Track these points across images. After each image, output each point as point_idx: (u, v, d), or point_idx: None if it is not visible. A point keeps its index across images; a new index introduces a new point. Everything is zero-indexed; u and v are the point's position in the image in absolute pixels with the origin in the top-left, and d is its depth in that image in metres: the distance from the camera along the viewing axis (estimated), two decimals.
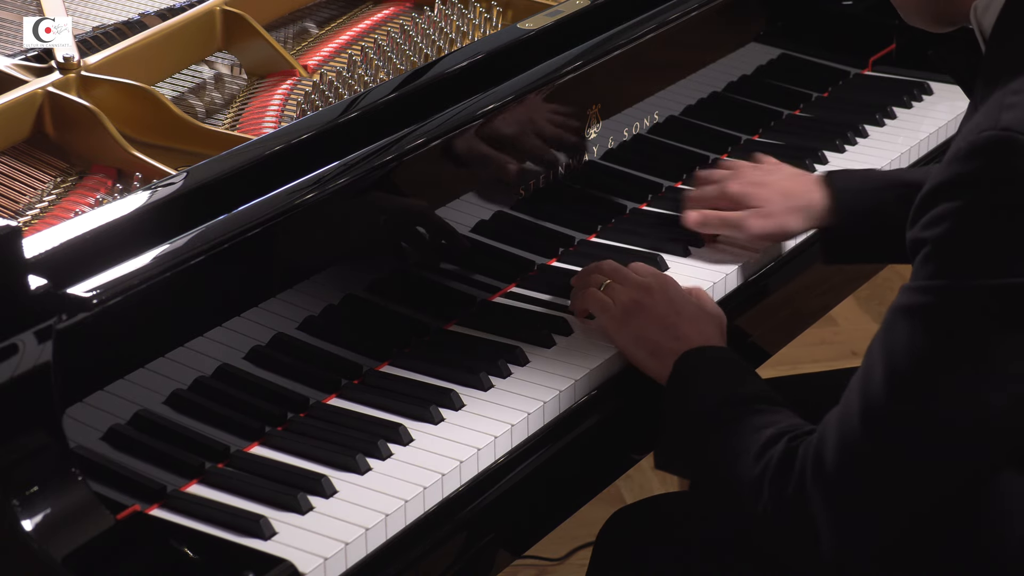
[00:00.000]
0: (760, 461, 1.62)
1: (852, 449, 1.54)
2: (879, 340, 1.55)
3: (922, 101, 2.59)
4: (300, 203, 1.76)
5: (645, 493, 3.26)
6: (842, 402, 1.58)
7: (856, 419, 1.54)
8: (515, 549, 1.85)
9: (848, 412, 1.56)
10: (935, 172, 1.53)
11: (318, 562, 1.54)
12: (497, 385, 1.83)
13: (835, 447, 1.55)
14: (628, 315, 1.86)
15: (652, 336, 1.83)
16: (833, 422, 1.57)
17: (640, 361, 1.84)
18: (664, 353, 1.81)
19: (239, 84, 2.21)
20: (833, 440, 1.56)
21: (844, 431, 1.55)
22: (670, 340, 1.81)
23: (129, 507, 1.59)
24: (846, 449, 1.55)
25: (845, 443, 1.55)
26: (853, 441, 1.54)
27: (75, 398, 1.57)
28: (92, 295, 1.55)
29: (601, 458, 1.90)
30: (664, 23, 2.24)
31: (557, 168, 2.13)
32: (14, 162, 1.95)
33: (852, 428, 1.55)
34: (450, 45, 2.25)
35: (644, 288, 1.88)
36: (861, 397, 1.54)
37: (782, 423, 1.66)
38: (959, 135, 1.56)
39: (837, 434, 1.56)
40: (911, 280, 1.53)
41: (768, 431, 1.64)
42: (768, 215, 2.10)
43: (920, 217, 1.53)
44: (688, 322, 1.83)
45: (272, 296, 1.76)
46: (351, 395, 1.81)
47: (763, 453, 1.62)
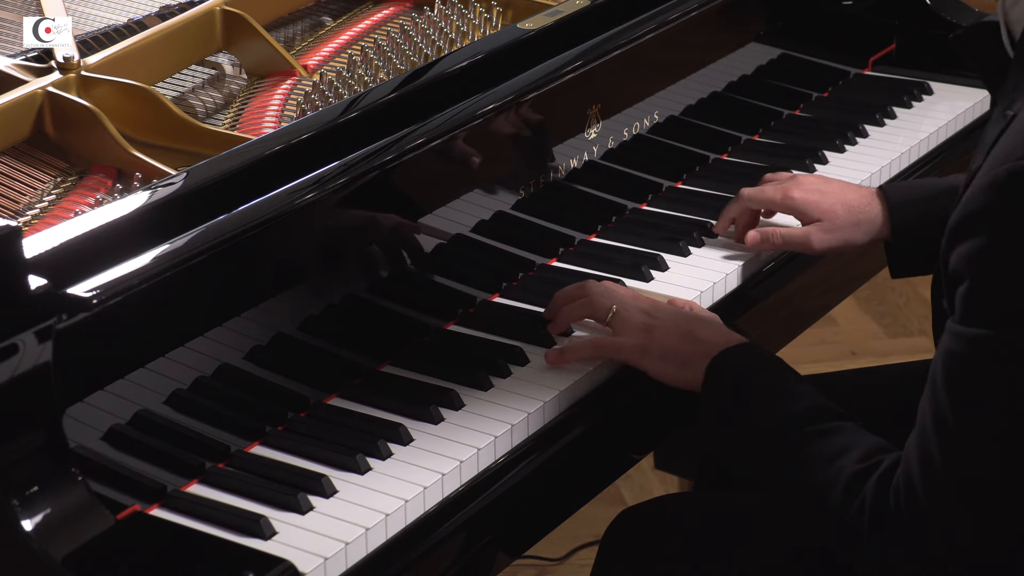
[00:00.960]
0: (851, 504, 1.59)
1: (939, 479, 1.53)
2: (941, 374, 1.52)
3: (922, 101, 2.59)
4: (300, 203, 1.76)
5: (645, 493, 3.26)
6: (918, 428, 1.55)
7: (935, 450, 1.52)
8: (515, 549, 1.85)
9: (925, 442, 1.54)
10: (971, 193, 1.50)
11: (318, 562, 1.54)
12: (497, 385, 1.83)
13: (921, 478, 1.53)
14: (645, 339, 1.83)
15: (674, 347, 1.80)
16: (914, 453, 1.55)
17: (672, 376, 1.81)
18: (692, 360, 1.78)
19: (239, 84, 2.21)
20: (918, 471, 1.54)
21: (927, 460, 1.53)
22: (691, 345, 1.79)
23: (129, 507, 1.59)
24: (933, 480, 1.53)
25: (931, 473, 1.53)
26: (937, 470, 1.52)
27: (75, 398, 1.57)
28: (92, 295, 1.55)
29: (601, 458, 1.90)
30: (664, 23, 2.24)
31: (557, 168, 2.14)
32: (14, 162, 1.95)
33: (934, 458, 1.53)
34: (450, 45, 2.25)
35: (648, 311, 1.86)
36: (935, 426, 1.53)
37: (855, 447, 1.63)
38: (991, 148, 1.52)
39: (920, 465, 1.54)
40: (957, 317, 1.51)
41: (847, 465, 1.61)
42: (833, 229, 2.05)
43: (956, 243, 1.50)
44: (695, 325, 1.82)
45: (272, 296, 1.76)
46: (351, 395, 1.81)
47: (852, 493, 1.59)
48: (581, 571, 3.02)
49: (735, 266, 2.10)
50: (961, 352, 1.50)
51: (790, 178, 2.12)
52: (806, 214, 2.07)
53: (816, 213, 2.05)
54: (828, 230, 2.05)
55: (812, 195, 2.06)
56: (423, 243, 1.94)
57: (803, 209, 2.07)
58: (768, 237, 2.07)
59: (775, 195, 2.08)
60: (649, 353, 1.82)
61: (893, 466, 1.59)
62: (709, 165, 2.40)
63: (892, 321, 3.94)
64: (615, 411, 1.87)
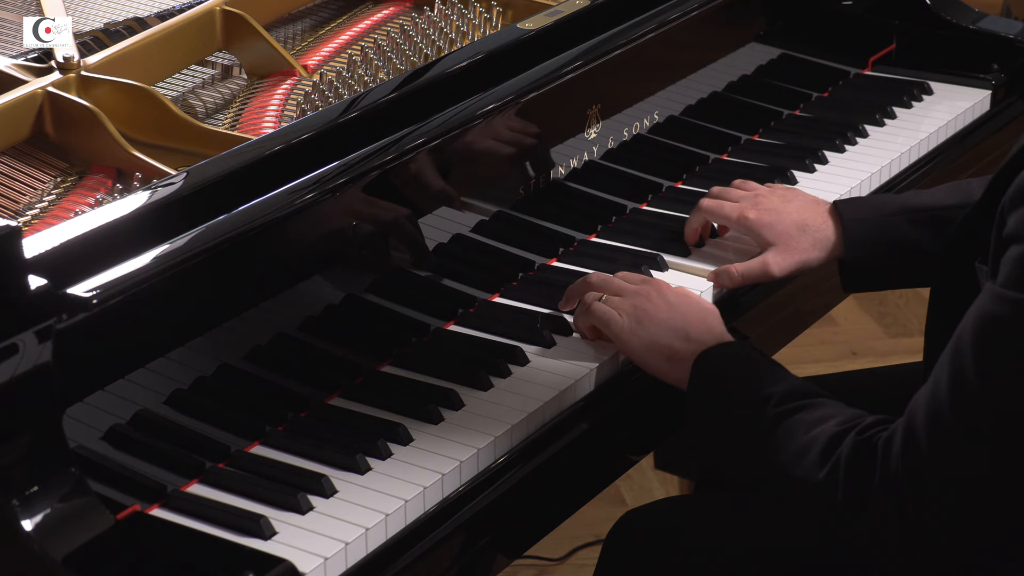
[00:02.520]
0: (827, 462, 1.59)
1: (946, 433, 1.51)
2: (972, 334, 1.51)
3: (922, 101, 2.59)
4: (300, 203, 1.76)
5: (645, 493, 3.26)
6: (931, 383, 1.54)
7: (947, 403, 1.51)
8: (515, 549, 1.85)
9: (938, 396, 1.52)
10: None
11: (318, 562, 1.54)
12: (497, 385, 1.83)
13: (927, 430, 1.52)
14: (635, 324, 1.84)
15: (664, 341, 1.81)
16: (922, 406, 1.54)
17: (656, 368, 1.82)
18: (679, 356, 1.79)
19: (239, 84, 2.21)
20: (924, 425, 1.53)
21: (936, 415, 1.52)
22: (681, 342, 1.80)
23: (129, 507, 1.59)
24: (939, 434, 1.52)
25: (938, 427, 1.52)
26: (947, 425, 1.51)
27: (75, 398, 1.57)
28: (92, 295, 1.55)
29: (601, 458, 1.90)
30: (664, 23, 2.24)
31: (557, 168, 2.14)
32: (14, 162, 1.95)
33: (944, 412, 1.51)
34: (450, 45, 2.25)
35: (642, 295, 1.87)
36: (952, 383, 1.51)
37: (835, 417, 1.64)
38: None
39: (928, 419, 1.53)
40: (1002, 280, 1.50)
41: (826, 429, 1.62)
42: (789, 251, 2.04)
43: (1018, 206, 1.50)
44: (693, 322, 1.83)
45: (272, 296, 1.76)
46: (351, 395, 1.81)
47: (828, 453, 1.60)
48: (581, 571, 3.02)
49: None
50: (1001, 314, 1.49)
51: (752, 196, 2.10)
52: (760, 236, 2.06)
53: (770, 236, 2.05)
54: (785, 253, 2.04)
55: (767, 216, 2.06)
56: (423, 243, 1.94)
57: (757, 231, 2.06)
58: (727, 274, 2.05)
59: (731, 214, 2.08)
60: (637, 340, 1.83)
61: (875, 423, 1.59)
62: (709, 165, 2.40)
63: (892, 321, 3.94)
64: (615, 411, 1.87)
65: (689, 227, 2.13)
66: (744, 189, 2.13)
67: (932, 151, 2.46)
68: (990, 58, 2.63)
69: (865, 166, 2.37)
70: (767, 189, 2.13)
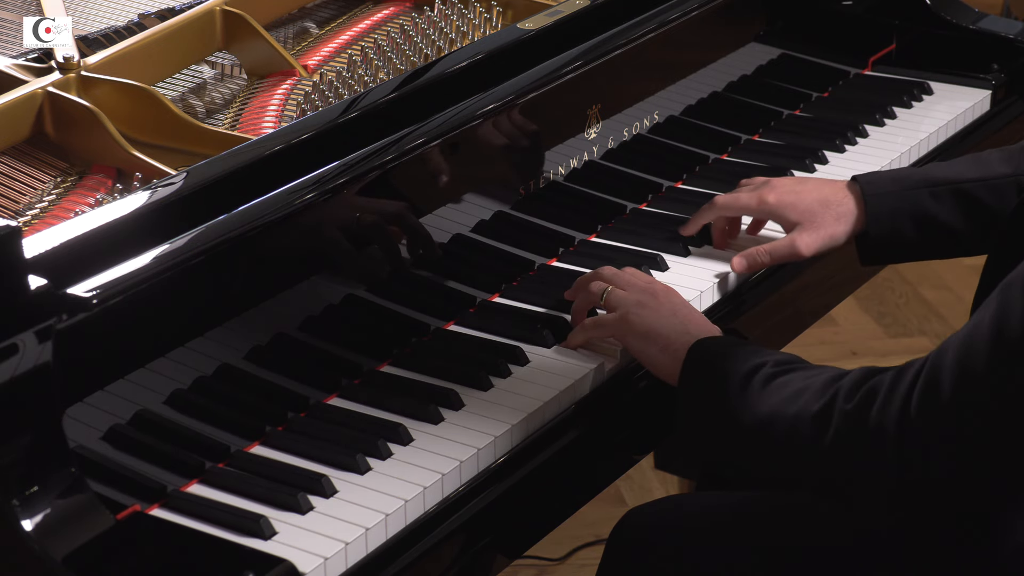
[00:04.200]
0: (826, 394, 1.59)
1: (974, 374, 1.49)
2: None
3: (922, 101, 2.59)
4: (300, 203, 1.76)
5: (645, 493, 3.26)
6: (970, 325, 1.53)
7: (982, 346, 1.49)
8: (515, 549, 1.85)
9: (975, 336, 1.50)
10: None
11: (318, 562, 1.54)
12: (497, 385, 1.83)
13: (954, 369, 1.50)
14: (638, 309, 1.84)
15: (662, 331, 1.81)
16: (954, 345, 1.52)
17: (650, 357, 1.82)
18: (674, 347, 1.79)
19: (239, 84, 2.21)
20: (953, 362, 1.51)
21: (968, 353, 1.50)
22: (679, 334, 1.80)
23: (129, 507, 1.59)
24: (967, 373, 1.50)
25: (968, 365, 1.50)
26: (976, 366, 1.49)
27: (75, 398, 1.57)
28: (92, 295, 1.55)
29: (601, 458, 1.90)
30: (664, 23, 2.24)
31: (557, 168, 2.14)
32: (14, 162, 1.95)
33: (977, 352, 1.49)
34: (450, 45, 2.25)
35: (648, 292, 1.87)
36: (993, 329, 1.49)
37: (834, 371, 1.64)
38: None
39: (958, 356, 1.51)
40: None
41: (825, 372, 1.62)
42: (815, 228, 2.04)
43: None
44: (694, 321, 1.83)
45: (272, 296, 1.76)
46: (351, 395, 1.81)
47: (827, 387, 1.60)
48: (581, 571, 3.02)
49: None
50: None
51: (764, 183, 2.10)
52: (784, 217, 2.06)
53: (794, 215, 2.05)
54: (811, 231, 2.04)
55: (787, 197, 2.06)
56: (423, 243, 1.94)
57: (779, 212, 2.06)
58: (754, 257, 2.05)
59: (750, 201, 2.08)
60: (635, 329, 1.83)
61: (880, 370, 1.58)
62: (709, 165, 2.40)
63: (892, 321, 3.94)
64: (615, 411, 1.87)
65: (697, 220, 2.12)
66: (753, 183, 2.13)
67: (932, 151, 2.47)
68: (990, 58, 2.63)
69: (865, 166, 2.37)
70: (777, 178, 2.13)
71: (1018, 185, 2.01)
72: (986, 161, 2.05)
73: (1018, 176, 2.01)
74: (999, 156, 2.05)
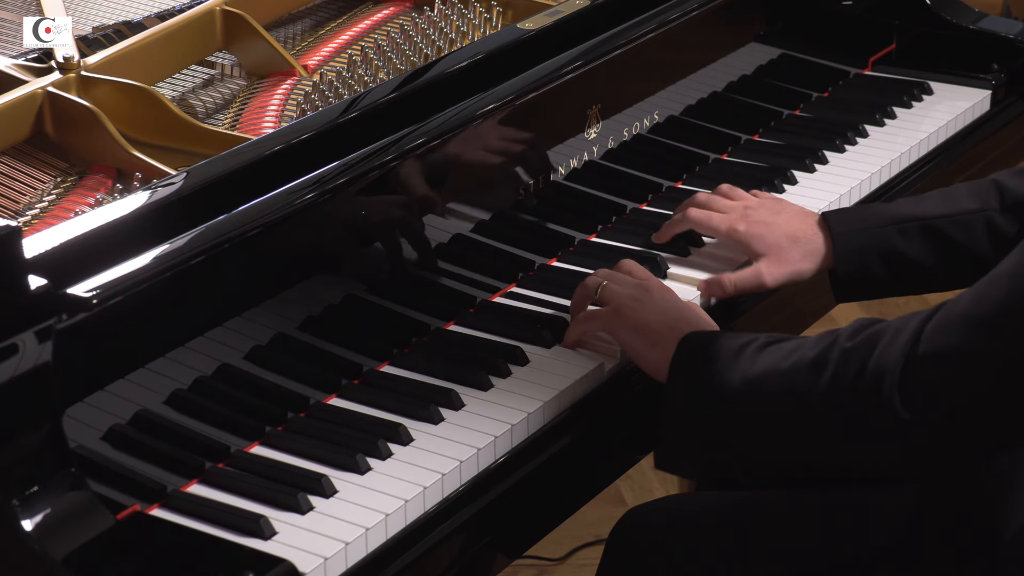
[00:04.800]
0: (821, 343, 1.61)
1: (986, 328, 1.52)
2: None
3: (922, 101, 2.59)
4: (300, 203, 1.76)
5: (645, 493, 3.26)
6: (984, 282, 1.55)
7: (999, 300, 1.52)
8: (515, 549, 1.85)
9: (990, 293, 1.53)
10: None
11: (318, 562, 1.54)
12: (497, 385, 1.83)
13: (964, 320, 1.53)
14: (632, 303, 1.84)
15: (654, 325, 1.81)
16: (969, 296, 1.55)
17: (640, 352, 1.82)
18: (664, 341, 1.79)
19: (239, 84, 2.21)
20: (967, 306, 1.53)
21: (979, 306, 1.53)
22: (669, 330, 1.80)
23: (129, 507, 1.59)
24: (978, 326, 1.52)
25: (979, 320, 1.52)
26: (988, 321, 1.52)
27: (75, 398, 1.57)
28: (92, 295, 1.55)
29: (601, 458, 1.90)
30: (664, 23, 2.24)
31: (557, 168, 2.14)
32: (14, 162, 1.95)
33: (991, 308, 1.52)
34: (450, 45, 2.25)
35: (642, 286, 1.88)
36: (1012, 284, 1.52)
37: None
38: None
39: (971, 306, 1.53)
40: None
41: (818, 337, 1.63)
42: (781, 262, 2.04)
43: None
44: (687, 318, 1.83)
45: (272, 296, 1.76)
46: (351, 395, 1.81)
47: (824, 338, 1.61)
48: (581, 571, 3.02)
49: (734, 267, 2.10)
50: None
51: (741, 207, 2.10)
52: (750, 247, 2.06)
53: (761, 247, 2.05)
54: (776, 263, 2.04)
55: (757, 228, 2.06)
56: (423, 243, 1.94)
57: (747, 242, 2.06)
58: (719, 285, 2.05)
59: (720, 226, 2.08)
60: (627, 324, 1.83)
61: (881, 320, 1.60)
62: (709, 165, 2.40)
63: None
64: (615, 411, 1.87)
65: (669, 230, 2.13)
66: (732, 198, 2.13)
67: (932, 151, 2.46)
68: (990, 58, 2.63)
69: (865, 166, 2.37)
70: (756, 201, 2.12)
71: (986, 220, 2.01)
72: (954, 196, 2.05)
73: (986, 211, 2.01)
74: (967, 191, 2.05)
